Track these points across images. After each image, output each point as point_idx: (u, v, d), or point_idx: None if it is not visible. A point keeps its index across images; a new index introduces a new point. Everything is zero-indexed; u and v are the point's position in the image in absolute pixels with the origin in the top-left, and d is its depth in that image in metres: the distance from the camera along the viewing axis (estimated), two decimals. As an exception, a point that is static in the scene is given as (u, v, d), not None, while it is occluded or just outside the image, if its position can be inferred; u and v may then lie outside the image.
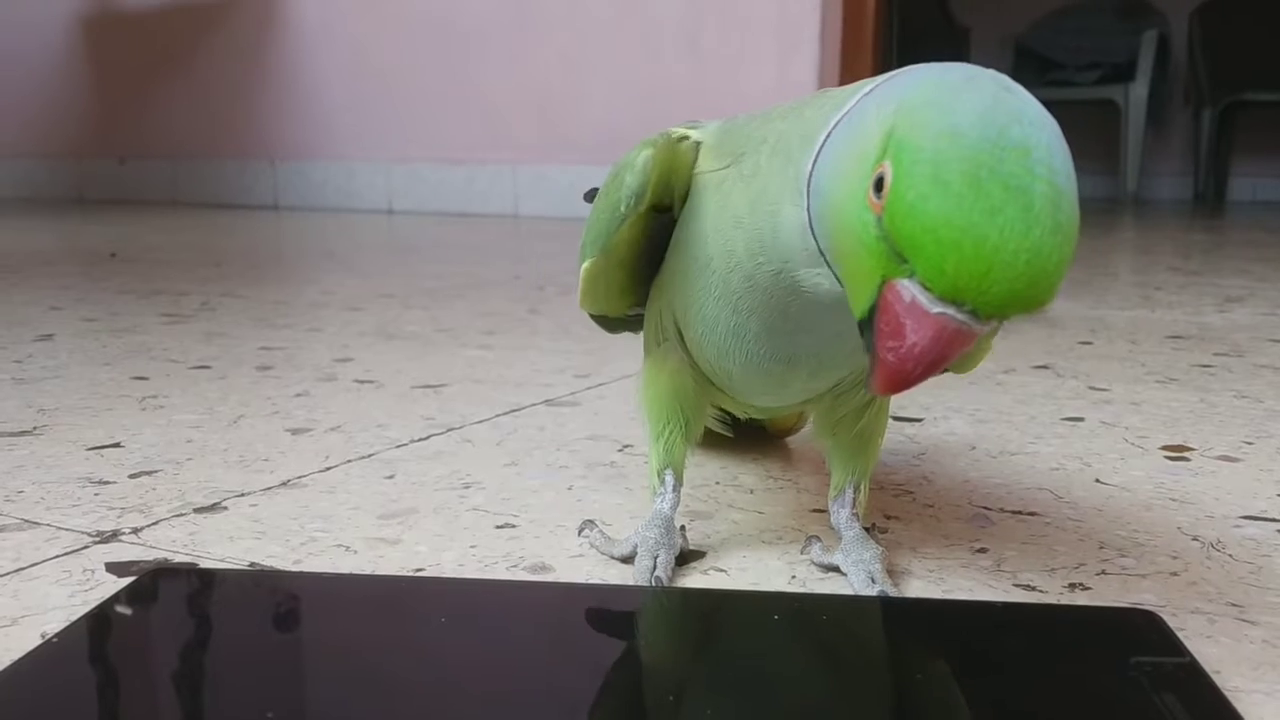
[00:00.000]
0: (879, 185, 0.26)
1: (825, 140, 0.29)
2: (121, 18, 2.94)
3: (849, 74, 2.20)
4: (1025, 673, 0.29)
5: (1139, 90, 3.57)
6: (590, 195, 0.40)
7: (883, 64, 2.45)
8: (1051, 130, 0.26)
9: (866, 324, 0.27)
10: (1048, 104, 0.27)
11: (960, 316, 0.25)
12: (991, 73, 0.27)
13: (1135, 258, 1.72)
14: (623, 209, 0.35)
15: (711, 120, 0.37)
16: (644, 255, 0.38)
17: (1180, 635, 0.31)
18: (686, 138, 0.35)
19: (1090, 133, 3.94)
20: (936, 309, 0.25)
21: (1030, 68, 3.76)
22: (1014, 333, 0.89)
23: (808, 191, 0.29)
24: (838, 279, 0.29)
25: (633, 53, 2.30)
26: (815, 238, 0.29)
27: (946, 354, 0.26)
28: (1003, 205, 0.24)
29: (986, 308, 0.25)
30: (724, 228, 0.33)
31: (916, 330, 0.26)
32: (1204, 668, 0.28)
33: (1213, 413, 0.62)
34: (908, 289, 0.26)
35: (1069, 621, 0.32)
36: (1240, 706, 0.28)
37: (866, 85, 0.29)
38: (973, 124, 0.25)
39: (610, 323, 0.42)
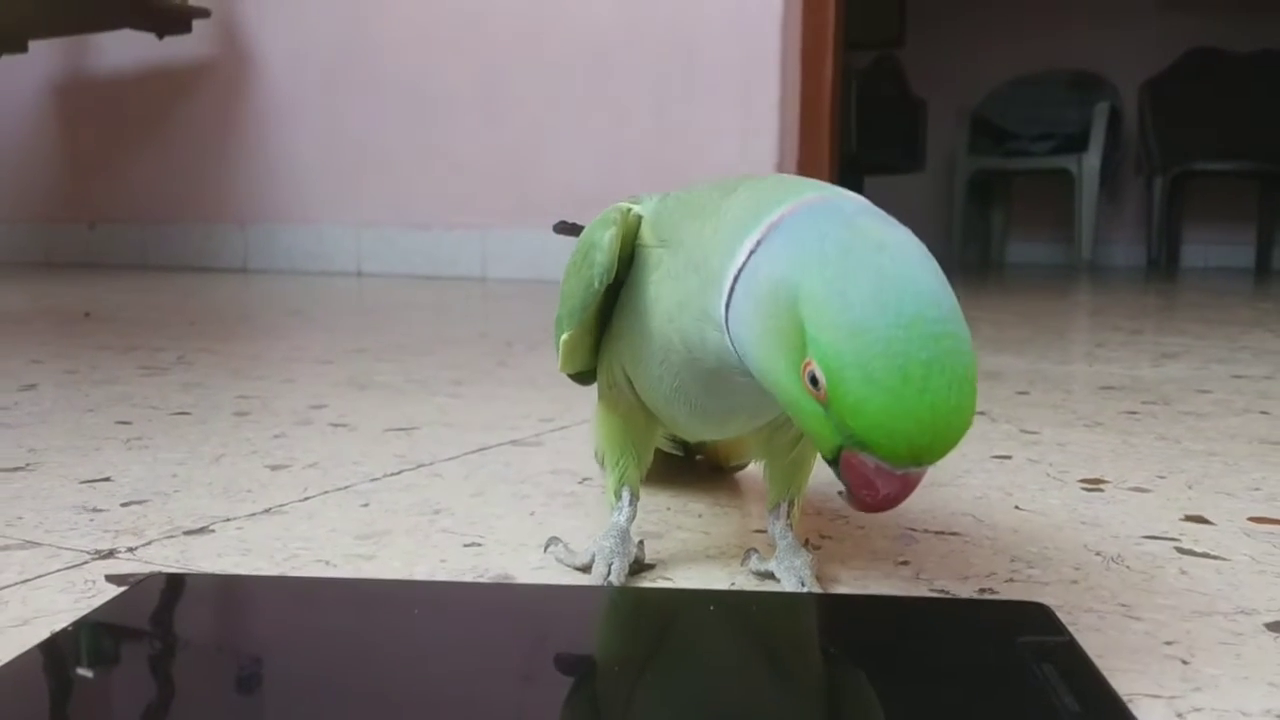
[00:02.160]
0: (814, 381, 0.30)
1: (733, 285, 0.33)
2: (92, 83, 2.99)
3: (808, 145, 2.27)
4: (923, 648, 0.33)
5: (1092, 160, 3.69)
6: (560, 227, 0.45)
7: (841, 135, 2.52)
8: (923, 265, 0.31)
9: (834, 462, 0.32)
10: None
11: (917, 469, 0.30)
12: (863, 227, 0.31)
13: (1083, 319, 1.79)
14: (596, 285, 0.39)
15: (652, 195, 0.41)
16: (601, 315, 0.42)
17: (1071, 628, 0.35)
18: (631, 210, 0.40)
19: (1045, 201, 4.06)
20: (900, 471, 0.30)
21: (985, 138, 3.88)
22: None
23: (727, 328, 0.34)
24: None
25: (600, 122, 2.37)
26: (747, 365, 0.34)
27: (913, 491, 0.31)
28: (924, 381, 0.29)
29: (938, 458, 0.30)
30: (661, 316, 0.37)
31: (886, 485, 0.31)
32: (1081, 646, 0.33)
33: (1132, 452, 0.67)
34: (871, 459, 0.30)
35: (968, 612, 0.36)
36: (1117, 683, 0.32)
37: (764, 217, 0.33)
38: (872, 314, 0.29)
39: (583, 377, 0.46)
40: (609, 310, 0.42)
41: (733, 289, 0.33)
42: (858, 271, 0.30)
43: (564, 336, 0.41)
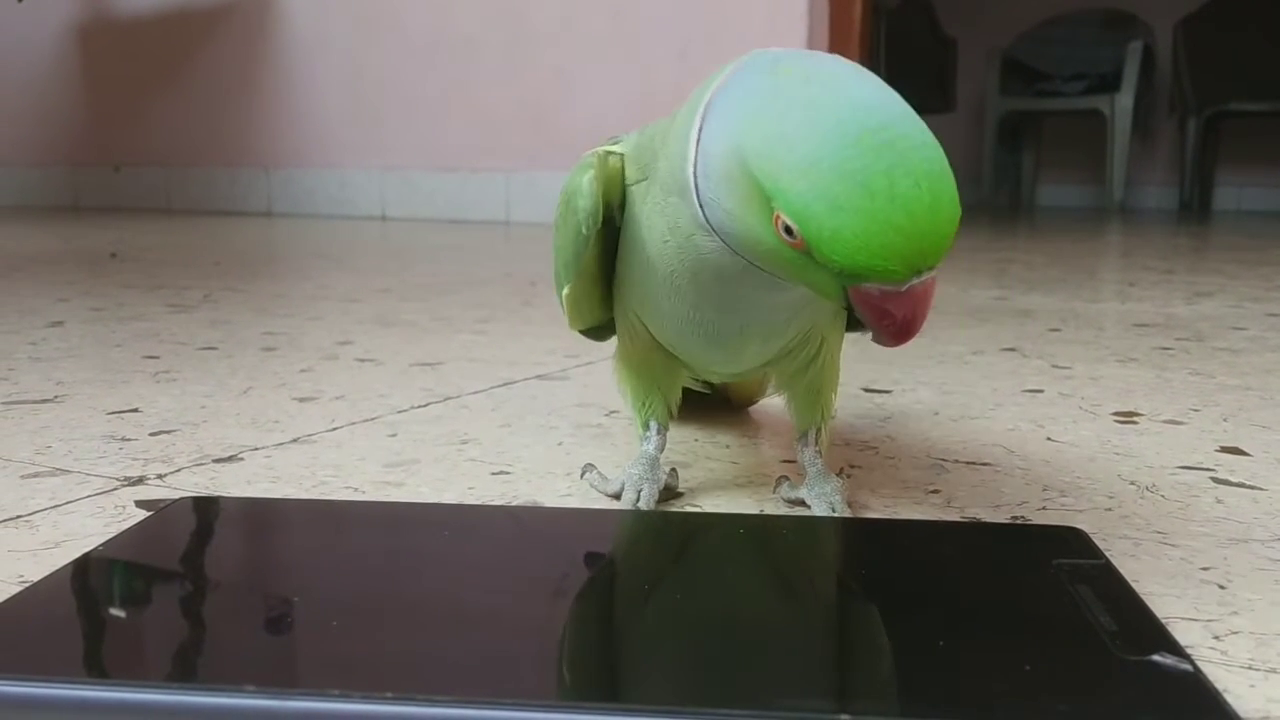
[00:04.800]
0: (789, 230, 0.29)
1: (695, 180, 0.33)
2: (116, 26, 2.98)
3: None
4: (957, 569, 0.32)
5: (1124, 100, 3.62)
6: None
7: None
8: (857, 81, 0.30)
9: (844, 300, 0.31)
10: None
11: (921, 279, 0.29)
12: (786, 69, 0.30)
13: (1114, 259, 1.76)
14: (584, 230, 0.38)
15: (630, 133, 0.40)
16: (606, 265, 0.42)
17: (1106, 554, 0.35)
18: (612, 152, 0.39)
19: (1076, 143, 4.00)
20: (905, 287, 0.29)
21: (1017, 78, 3.82)
22: (986, 323, 0.93)
23: (710, 226, 0.33)
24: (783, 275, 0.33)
25: (623, 62, 2.34)
26: (743, 256, 0.33)
27: (928, 305, 0.30)
28: (890, 188, 0.28)
29: (935, 259, 0.29)
30: (657, 241, 0.37)
31: (899, 308, 0.30)
32: (1118, 569, 0.32)
33: (1166, 386, 0.66)
34: (874, 287, 0.29)
35: (1002, 535, 0.36)
36: (1153, 606, 0.31)
37: (699, 107, 0.33)
38: (816, 144, 0.28)
39: (599, 332, 0.46)
40: (613, 261, 0.41)
41: (697, 187, 0.33)
42: (790, 110, 0.29)
43: (565, 291, 0.41)
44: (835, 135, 0.28)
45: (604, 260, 0.41)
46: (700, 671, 0.26)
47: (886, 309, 0.30)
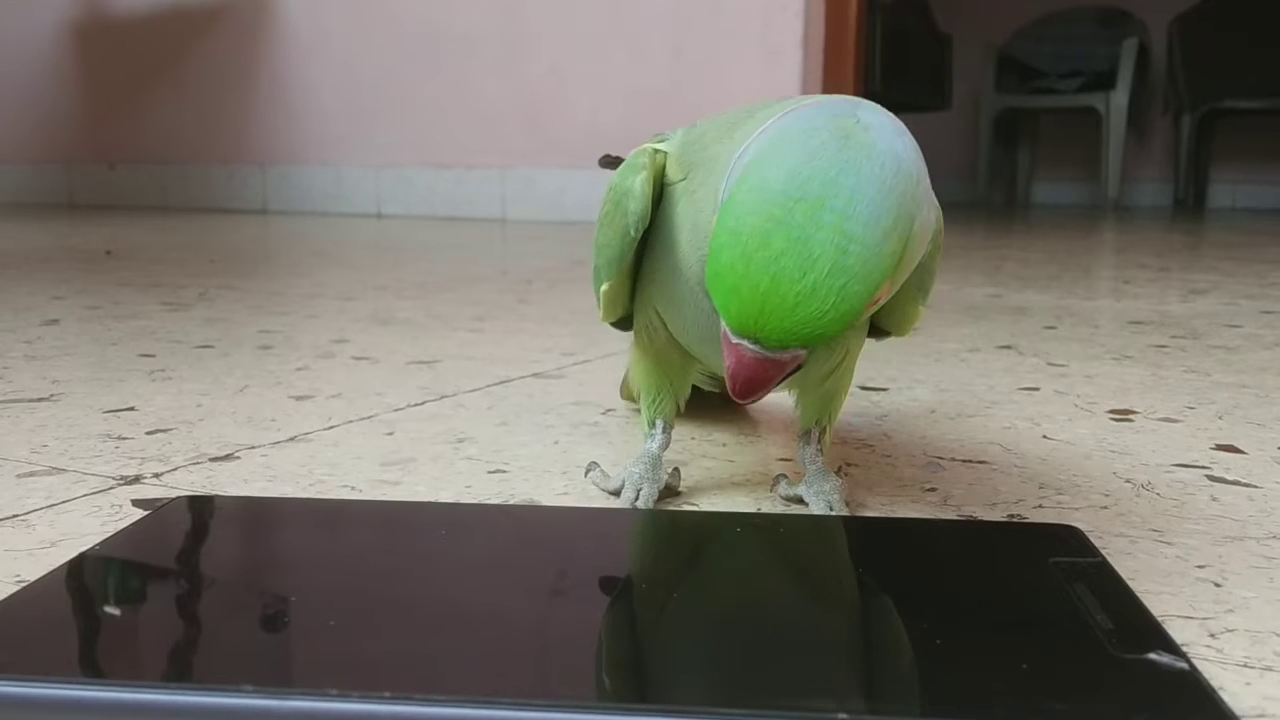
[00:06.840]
0: None
1: (731, 173, 0.33)
2: (111, 24, 2.97)
3: (831, 81, 2.24)
4: (954, 568, 0.32)
5: (1119, 98, 3.62)
6: (605, 161, 0.44)
7: (865, 72, 2.49)
8: (866, 172, 0.29)
9: None
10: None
11: (752, 347, 0.30)
12: (842, 122, 0.30)
13: (1109, 256, 1.77)
14: (633, 233, 0.38)
15: (676, 130, 0.40)
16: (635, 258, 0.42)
17: (1102, 552, 0.35)
18: (659, 150, 0.39)
19: (1071, 140, 4.00)
20: (735, 340, 0.30)
21: (1012, 75, 3.82)
22: (982, 320, 0.93)
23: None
24: None
25: (619, 60, 2.34)
26: None
27: (752, 377, 0.31)
28: (781, 254, 0.28)
29: (768, 341, 0.30)
30: (685, 243, 0.37)
31: (728, 357, 0.31)
32: (1114, 567, 0.32)
33: (1161, 384, 0.66)
34: (724, 325, 0.30)
35: (999, 534, 0.36)
36: (1149, 604, 0.31)
37: (776, 114, 0.33)
38: (779, 179, 0.29)
39: (624, 323, 0.45)
40: (640, 252, 0.41)
41: (729, 181, 0.33)
42: (799, 149, 0.29)
43: (604, 288, 0.41)
44: (798, 187, 0.29)
45: (635, 253, 0.41)
46: (696, 670, 0.26)
47: (728, 356, 0.31)
